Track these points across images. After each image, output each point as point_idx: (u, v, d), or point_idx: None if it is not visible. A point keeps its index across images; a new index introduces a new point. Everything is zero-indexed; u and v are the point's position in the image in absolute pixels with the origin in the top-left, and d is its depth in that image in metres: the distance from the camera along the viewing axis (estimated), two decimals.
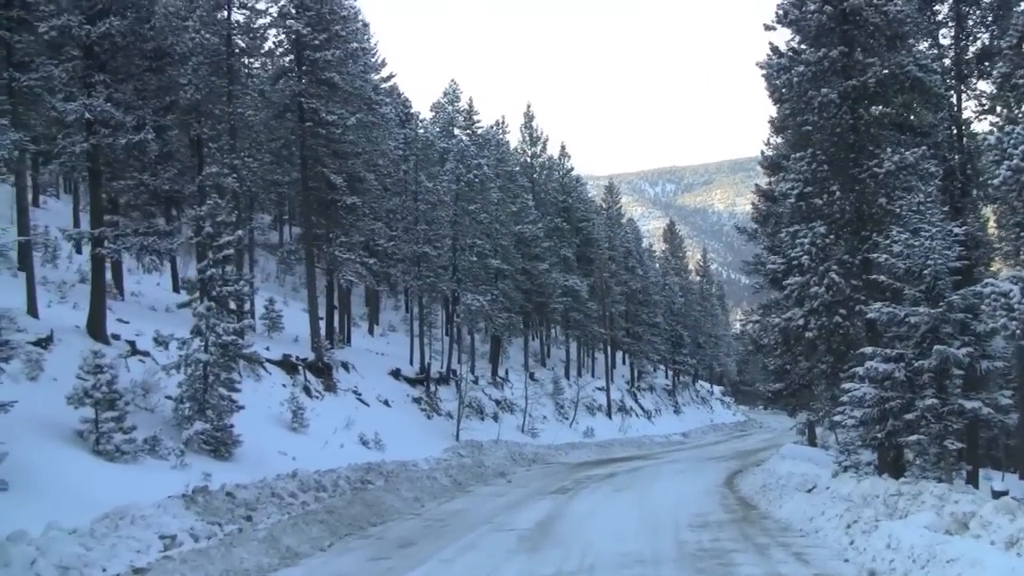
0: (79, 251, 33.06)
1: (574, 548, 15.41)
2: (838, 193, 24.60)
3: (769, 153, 39.51)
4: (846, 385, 20.85)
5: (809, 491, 19.53)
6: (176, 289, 40.63)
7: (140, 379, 24.67)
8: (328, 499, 20.73)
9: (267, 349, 34.56)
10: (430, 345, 53.06)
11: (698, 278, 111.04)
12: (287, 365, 34.36)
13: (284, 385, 32.90)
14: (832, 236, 24.44)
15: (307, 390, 34.24)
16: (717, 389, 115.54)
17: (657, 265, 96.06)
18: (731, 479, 31.12)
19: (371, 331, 57.56)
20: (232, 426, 24.23)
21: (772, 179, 37.32)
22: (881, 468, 23.74)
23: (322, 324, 40.56)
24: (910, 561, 11.41)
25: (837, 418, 21.83)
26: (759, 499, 22.04)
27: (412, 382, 44.44)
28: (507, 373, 59.44)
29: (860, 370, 20.17)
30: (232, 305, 25.85)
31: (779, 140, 37.31)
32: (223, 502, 17.04)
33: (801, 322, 24.25)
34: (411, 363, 47.53)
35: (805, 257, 23.74)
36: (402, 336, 58.12)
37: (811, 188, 24.61)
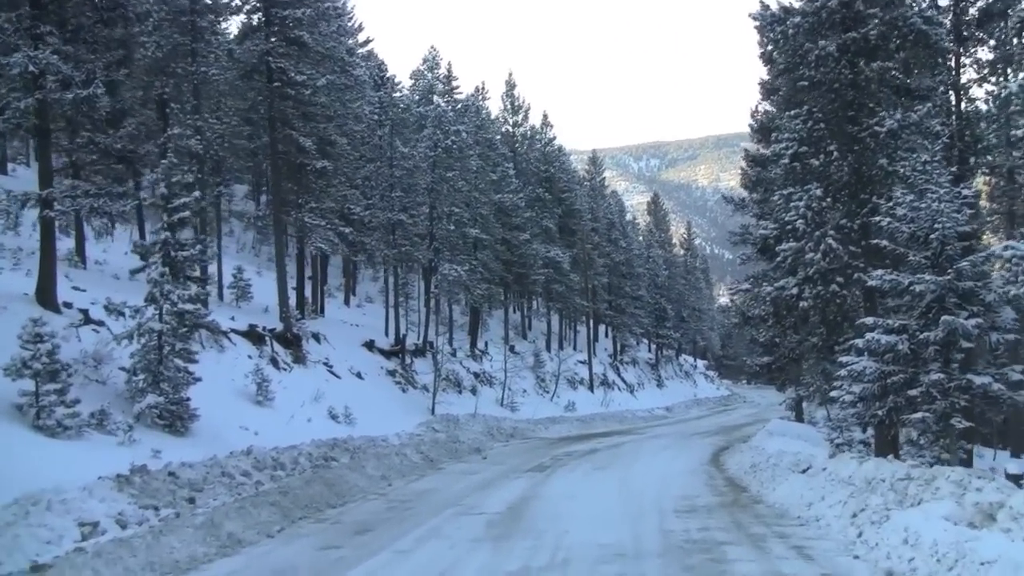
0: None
1: (547, 537, 13.89)
2: (836, 153, 22.88)
3: (759, 118, 37.80)
4: (844, 359, 19.38)
5: (804, 472, 18.05)
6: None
7: (92, 350, 23.10)
8: (285, 478, 19.18)
9: (232, 319, 33.00)
10: (406, 316, 51.50)
11: (682, 251, 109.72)
12: (253, 336, 32.74)
13: (250, 357, 31.30)
14: (829, 199, 22.86)
15: (274, 362, 32.67)
16: (701, 363, 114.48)
17: (641, 238, 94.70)
18: (717, 456, 29.74)
19: (347, 302, 55.90)
20: (188, 399, 22.70)
21: (761, 144, 35.77)
22: (878, 447, 22.37)
23: (293, 294, 38.97)
24: (934, 561, 9.86)
25: (834, 394, 20.29)
26: (749, 480, 20.55)
27: (387, 354, 42.87)
28: (487, 346, 57.91)
29: (860, 342, 18.68)
30: (189, 272, 24.24)
31: (769, 106, 35.72)
32: (164, 483, 15.46)
33: (795, 291, 22.68)
34: (386, 335, 45.96)
35: (800, 221, 22.11)
36: (379, 308, 56.30)
37: (806, 148, 22.94)
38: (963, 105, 29.04)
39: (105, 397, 21.39)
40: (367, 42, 62.68)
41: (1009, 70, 29.15)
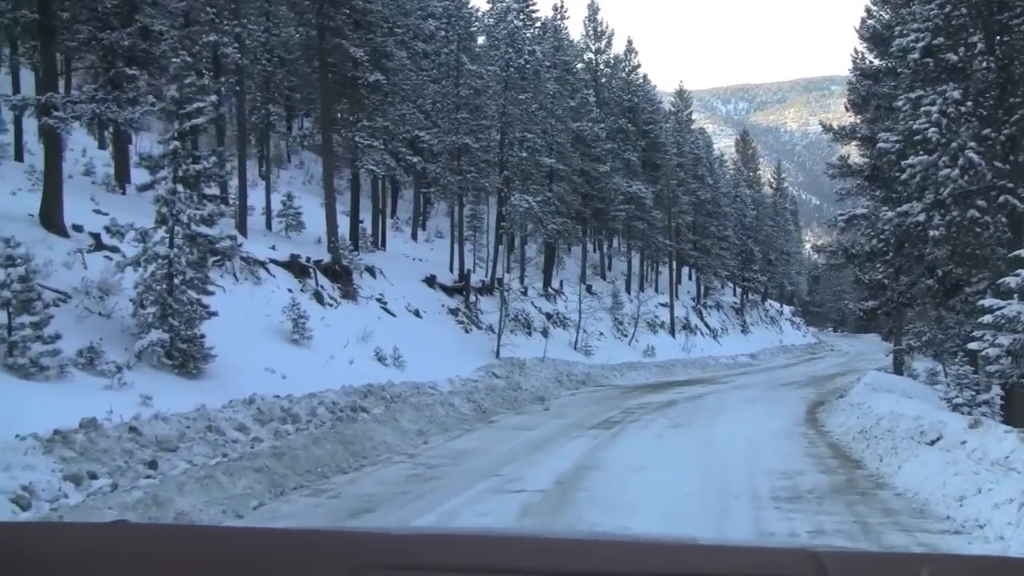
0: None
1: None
2: (980, 46, 18.53)
3: (871, 24, 33.01)
4: (988, 302, 15.45)
5: (933, 444, 14.29)
6: None
7: (100, 278, 20.14)
8: (294, 434, 15.90)
9: (273, 248, 30.01)
10: (474, 252, 48.21)
11: (771, 191, 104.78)
12: (295, 267, 29.56)
13: (290, 290, 28.15)
14: (969, 103, 18.55)
15: (318, 296, 29.52)
16: (787, 309, 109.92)
17: (728, 176, 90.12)
18: (813, 414, 25.96)
19: (415, 236, 52.54)
20: (203, 336, 19.63)
21: (874, 54, 31.33)
22: (1010, 414, 18.55)
23: (345, 223, 35.74)
24: None
25: (973, 346, 16.34)
26: (862, 451, 16.59)
27: (449, 291, 39.46)
28: (561, 285, 54.29)
29: (1012, 281, 14.71)
30: (205, 188, 21.04)
31: (883, 10, 31.08)
32: (118, 441, 12.20)
33: (921, 218, 18.66)
34: (451, 271, 42.56)
35: (932, 130, 17.93)
36: (449, 243, 53.08)
37: (942, 40, 18.65)
38: None
39: (108, 332, 18.56)
40: None
41: None
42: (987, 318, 15.14)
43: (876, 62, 30.05)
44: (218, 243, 20.66)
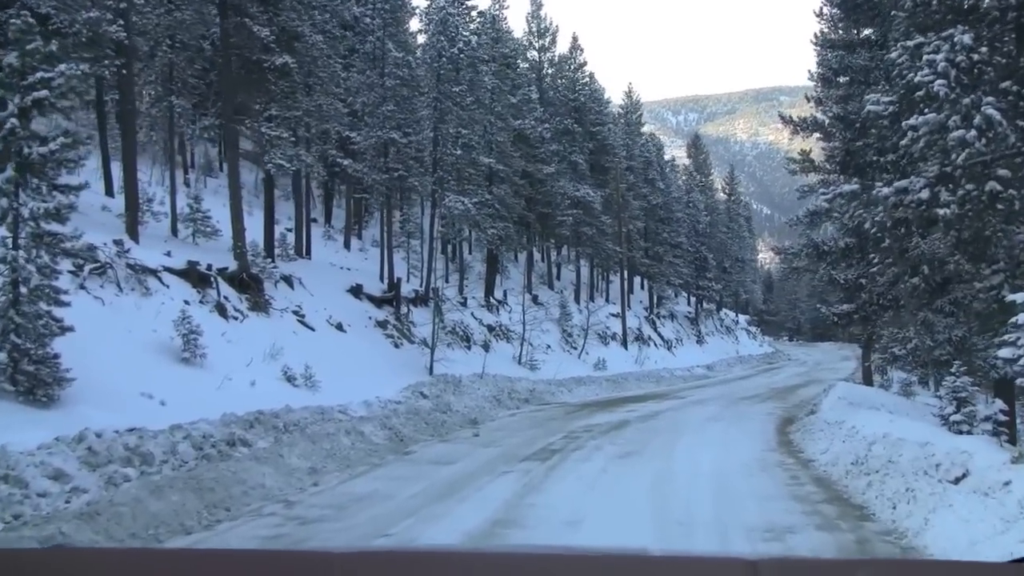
0: None
1: None
2: None
3: None
4: (1016, 297, 12.06)
5: (956, 482, 10.93)
6: None
7: None
8: (134, 481, 12.26)
9: (168, 255, 26.21)
10: (408, 259, 44.58)
11: (724, 197, 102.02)
12: (194, 276, 25.80)
13: (186, 302, 24.41)
14: (984, 49, 15.18)
15: (221, 309, 25.80)
16: (743, 318, 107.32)
17: (680, 181, 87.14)
18: (785, 434, 22.66)
19: (347, 245, 48.74)
20: (57, 357, 15.92)
21: (842, 25, 28.01)
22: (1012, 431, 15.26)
23: (252, 228, 32.07)
24: None
25: (1004, 352, 12.80)
26: (863, 491, 12.89)
27: (378, 302, 35.72)
28: (505, 295, 50.80)
29: None
30: (53, 176, 17.36)
31: None
32: None
33: (925, 195, 15.26)
34: (381, 280, 38.89)
35: (940, 82, 14.51)
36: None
37: None
38: None
39: None
40: None
41: None
42: (1020, 317, 11.85)
43: (839, 33, 26.90)
44: (68, 242, 16.98)
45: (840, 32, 28.86)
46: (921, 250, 19.44)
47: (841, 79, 27.32)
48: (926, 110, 14.84)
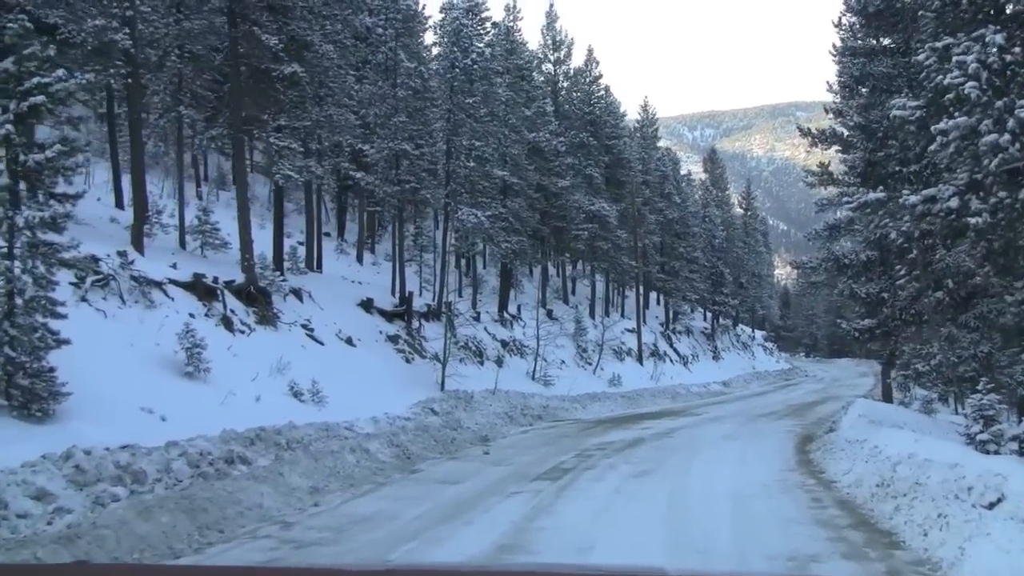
0: None
1: None
2: None
3: None
4: None
5: (991, 507, 10.28)
6: None
7: None
8: (122, 501, 11.71)
9: (174, 267, 25.80)
10: (420, 274, 44.03)
11: (741, 211, 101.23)
12: (200, 288, 25.36)
13: (192, 315, 23.95)
14: (1017, 49, 14.53)
15: (227, 322, 25.33)
16: (759, 334, 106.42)
17: (696, 196, 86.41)
18: (804, 453, 21.95)
19: (360, 259, 48.16)
20: (52, 370, 15.45)
21: (861, 33, 27.28)
22: None
23: (263, 241, 31.60)
24: None
25: None
26: (890, 515, 12.18)
27: (389, 316, 35.18)
28: (519, 310, 50.21)
29: None
30: (50, 186, 16.85)
31: None
32: None
33: (954, 203, 14.60)
34: (393, 294, 38.34)
35: (971, 84, 13.89)
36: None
37: None
38: None
39: None
40: None
41: None
42: None
43: (860, 42, 26.25)
44: (66, 252, 16.47)
45: (859, 41, 28.19)
46: (946, 263, 18.79)
47: (863, 88, 26.65)
48: (956, 114, 14.21)
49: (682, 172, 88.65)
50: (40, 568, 5.30)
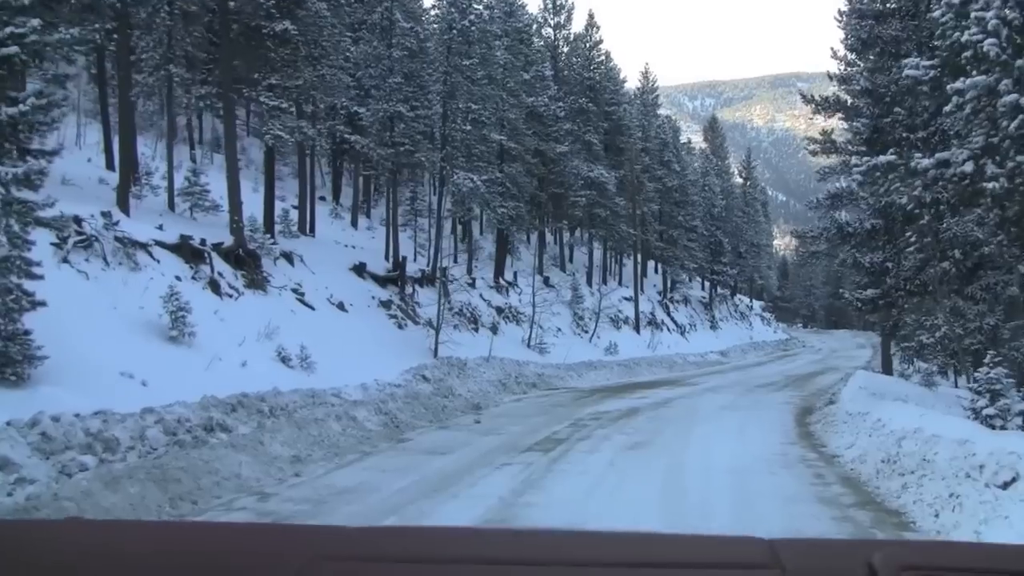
0: None
1: None
2: None
3: None
4: None
5: (1005, 487, 9.72)
6: None
7: None
8: (90, 471, 11.13)
9: (160, 228, 25.13)
10: (415, 239, 43.41)
11: (740, 181, 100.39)
12: (187, 250, 24.67)
13: (178, 278, 23.28)
14: None
15: (214, 285, 24.65)
16: (757, 304, 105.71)
17: (697, 164, 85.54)
18: (805, 425, 21.46)
19: (355, 223, 47.53)
20: (28, 333, 14.81)
21: None
22: None
23: (255, 204, 30.99)
24: None
25: None
26: (897, 494, 11.55)
27: (382, 281, 34.54)
28: (515, 277, 49.60)
29: None
30: (24, 141, 16.19)
31: None
32: None
33: (968, 168, 13.93)
34: (387, 259, 37.71)
35: (990, 41, 13.17)
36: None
37: None
38: None
39: None
40: None
41: None
42: None
43: (871, 4, 25.49)
44: (41, 211, 15.83)
45: (865, 4, 27.40)
46: (953, 232, 18.15)
47: (870, 55, 25.89)
48: (974, 72, 13.51)
49: (682, 141, 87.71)
50: (34, 523, 5.28)
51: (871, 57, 25.80)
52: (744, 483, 13.14)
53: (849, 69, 30.38)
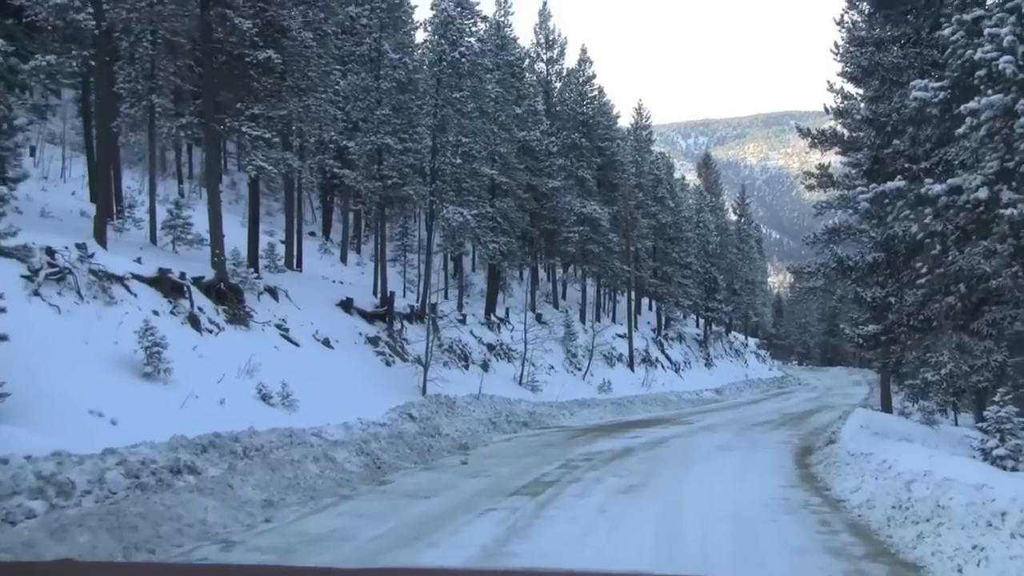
0: None
1: None
2: None
3: None
4: None
5: None
6: None
7: None
8: (37, 519, 10.29)
9: (139, 261, 24.29)
10: (404, 274, 42.70)
11: (735, 217, 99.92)
12: (165, 284, 23.86)
13: (155, 312, 22.46)
14: None
15: (193, 320, 23.84)
16: (752, 341, 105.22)
17: (691, 200, 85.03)
18: (806, 466, 20.61)
19: (344, 259, 46.82)
20: None
21: (866, 26, 25.87)
22: None
23: (239, 237, 30.22)
24: None
25: None
26: (912, 545, 10.51)
27: (369, 317, 33.73)
28: (507, 313, 48.81)
29: None
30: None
31: None
32: None
33: (983, 194, 13.16)
34: (375, 294, 36.93)
35: (1005, 59, 12.43)
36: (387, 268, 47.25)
37: None
38: None
39: None
40: None
41: None
42: None
43: (862, 32, 24.89)
44: (3, 239, 15.09)
45: (864, 32, 26.80)
46: (959, 265, 17.41)
47: (871, 84, 25.25)
48: (989, 92, 12.77)
49: (675, 177, 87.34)
50: (25, 565, 5.35)
51: (873, 84, 25.15)
52: (746, 531, 12.26)
53: (846, 102, 29.86)
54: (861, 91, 27.08)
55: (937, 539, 10.34)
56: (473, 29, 39.74)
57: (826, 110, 31.39)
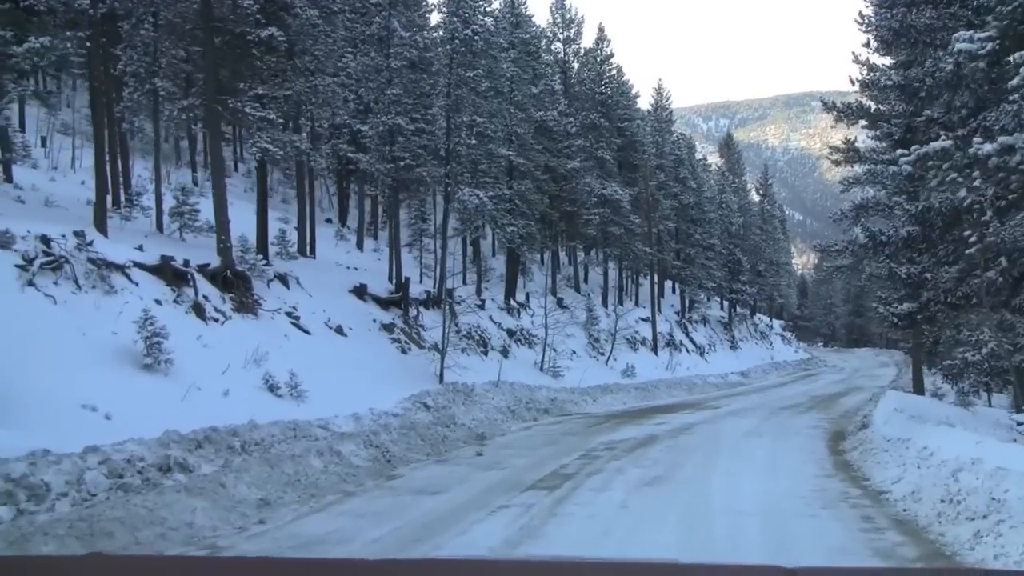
0: None
1: None
2: None
3: None
4: None
5: None
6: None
7: None
8: (2, 525, 9.40)
9: (140, 248, 23.45)
10: (420, 260, 41.76)
11: (758, 198, 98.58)
12: (168, 272, 22.98)
13: (158, 301, 21.61)
14: None
15: (198, 309, 22.98)
16: (777, 323, 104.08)
17: (713, 181, 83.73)
18: (839, 453, 19.59)
19: (360, 245, 45.97)
20: None
21: None
22: None
23: (250, 225, 29.34)
24: None
25: None
26: (973, 545, 9.05)
27: (384, 304, 32.80)
28: (527, 298, 47.90)
29: None
30: None
31: None
32: None
33: None
34: (390, 280, 36.00)
35: None
36: (402, 253, 46.40)
37: None
38: None
39: None
40: None
41: None
42: None
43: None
44: None
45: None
46: (1001, 237, 16.32)
47: (901, 51, 24.06)
48: None
49: (697, 159, 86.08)
50: (54, 559, 5.43)
51: (904, 49, 23.96)
52: (780, 529, 11.20)
53: (872, 73, 28.72)
54: (889, 60, 25.91)
55: (999, 538, 9.23)
56: (487, 8, 38.74)
57: (851, 82, 30.24)
